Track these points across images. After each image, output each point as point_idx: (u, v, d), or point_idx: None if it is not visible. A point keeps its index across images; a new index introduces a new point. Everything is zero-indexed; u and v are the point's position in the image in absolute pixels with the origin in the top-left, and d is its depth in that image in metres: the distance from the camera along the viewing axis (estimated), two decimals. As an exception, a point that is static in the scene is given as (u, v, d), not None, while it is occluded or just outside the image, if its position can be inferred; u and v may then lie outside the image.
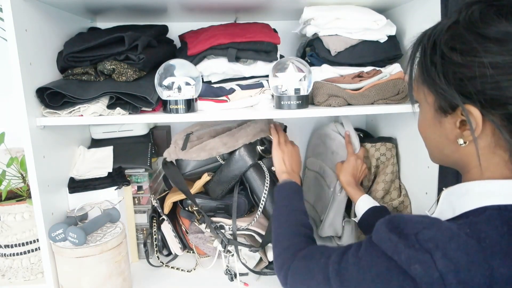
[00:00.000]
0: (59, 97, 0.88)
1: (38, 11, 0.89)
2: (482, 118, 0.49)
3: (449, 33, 0.50)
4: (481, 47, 0.47)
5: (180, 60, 0.94)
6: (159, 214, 1.12)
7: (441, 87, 0.51)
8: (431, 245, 0.45)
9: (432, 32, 0.53)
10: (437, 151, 0.60)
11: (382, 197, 1.12)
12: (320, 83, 0.97)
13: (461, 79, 0.48)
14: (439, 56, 0.51)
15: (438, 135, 0.57)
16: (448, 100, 0.51)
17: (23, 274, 0.98)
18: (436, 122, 0.56)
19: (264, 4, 1.02)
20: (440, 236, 0.46)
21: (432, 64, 0.52)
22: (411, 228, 0.48)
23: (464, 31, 0.49)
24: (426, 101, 0.56)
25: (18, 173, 1.02)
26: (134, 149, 1.14)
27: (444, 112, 0.53)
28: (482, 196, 0.51)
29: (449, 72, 0.50)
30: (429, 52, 0.52)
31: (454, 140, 0.54)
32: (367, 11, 1.00)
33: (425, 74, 0.54)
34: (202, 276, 1.06)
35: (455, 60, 0.49)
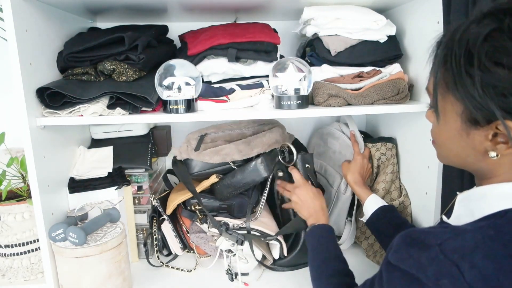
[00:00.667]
0: (59, 97, 0.88)
1: (38, 11, 0.89)
2: None
3: (490, 43, 0.46)
4: None
5: (180, 60, 0.94)
6: (159, 214, 1.12)
7: (478, 100, 0.48)
8: (456, 256, 0.44)
9: (462, 37, 0.49)
10: (456, 158, 0.58)
11: (383, 197, 1.11)
12: (320, 83, 0.97)
13: (504, 94, 0.46)
14: (477, 68, 0.47)
15: (463, 146, 0.54)
16: (484, 114, 0.49)
17: (23, 274, 0.98)
18: (463, 133, 0.53)
19: (264, 4, 1.02)
20: (465, 246, 0.44)
21: (468, 75, 0.48)
22: (433, 238, 0.46)
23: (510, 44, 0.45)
24: (453, 111, 0.53)
25: (18, 173, 1.02)
26: (134, 149, 1.14)
27: (475, 124, 0.51)
28: (501, 198, 0.50)
29: (490, 86, 0.47)
30: (464, 62, 0.48)
31: (482, 152, 0.52)
32: (367, 11, 1.00)
33: (457, 85, 0.50)
34: (202, 276, 1.06)
35: (501, 75, 0.46)
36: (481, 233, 0.46)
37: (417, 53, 1.02)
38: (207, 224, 1.06)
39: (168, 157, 1.35)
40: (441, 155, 0.61)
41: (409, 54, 1.06)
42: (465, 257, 0.44)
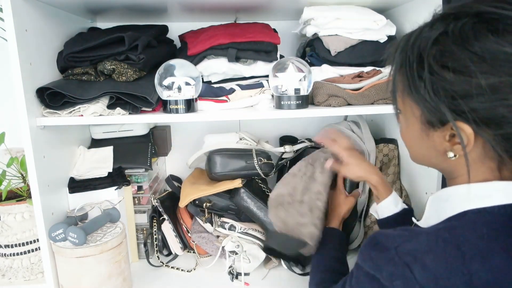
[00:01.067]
0: (59, 97, 0.88)
1: (38, 11, 0.89)
2: (474, 134, 0.47)
3: (437, 47, 0.47)
4: (476, 67, 0.44)
5: (180, 60, 0.94)
6: (159, 214, 1.12)
7: (430, 103, 0.49)
8: (410, 258, 0.45)
9: (415, 42, 0.50)
10: (422, 159, 0.59)
11: (382, 197, 1.12)
12: (320, 83, 0.97)
13: (453, 97, 0.46)
14: (427, 71, 0.48)
15: (426, 147, 0.55)
16: (438, 116, 0.49)
17: (23, 274, 0.98)
18: (423, 134, 0.54)
19: (264, 4, 1.02)
20: (418, 248, 0.46)
21: (420, 79, 0.49)
22: (391, 241, 0.48)
23: (455, 48, 0.46)
24: (413, 114, 0.54)
25: (18, 173, 1.02)
26: (134, 149, 1.14)
27: (433, 126, 0.52)
28: (463, 200, 0.51)
29: (440, 89, 0.47)
30: (415, 66, 0.49)
31: (443, 152, 0.53)
32: (367, 11, 1.00)
33: (412, 89, 0.51)
34: (202, 276, 1.06)
35: (447, 78, 0.46)
36: (436, 235, 0.47)
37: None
38: (210, 223, 1.06)
39: (168, 157, 1.35)
40: (412, 156, 0.62)
41: (409, 54, 1.06)
42: (417, 259, 0.45)
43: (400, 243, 0.47)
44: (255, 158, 1.06)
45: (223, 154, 1.07)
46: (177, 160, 1.34)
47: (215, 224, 1.05)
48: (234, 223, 1.04)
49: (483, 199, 0.49)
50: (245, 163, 1.06)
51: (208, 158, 1.09)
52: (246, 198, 1.04)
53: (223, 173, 1.07)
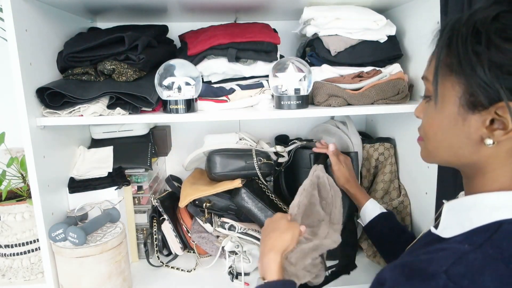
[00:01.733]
0: (59, 97, 0.88)
1: (38, 11, 0.89)
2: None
3: (500, 22, 0.45)
4: None
5: (180, 60, 0.94)
6: (159, 214, 1.12)
7: (483, 79, 0.46)
8: (467, 281, 0.42)
9: (469, 19, 0.48)
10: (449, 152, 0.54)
11: (382, 197, 1.12)
12: (320, 83, 0.97)
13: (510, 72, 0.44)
14: (484, 45, 0.45)
15: (457, 134, 0.51)
16: (487, 94, 0.46)
17: (23, 274, 0.98)
18: (458, 119, 0.50)
19: (264, 4, 1.02)
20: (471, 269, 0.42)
21: (475, 53, 0.46)
22: (437, 265, 0.44)
23: None
24: (452, 95, 0.51)
25: (18, 173, 1.02)
26: (134, 149, 1.14)
27: (473, 109, 0.49)
28: (493, 209, 0.48)
29: (497, 64, 0.45)
30: (470, 40, 0.47)
31: (477, 140, 0.50)
32: (367, 11, 1.00)
33: (462, 64, 0.48)
34: (202, 276, 1.06)
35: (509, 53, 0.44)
36: (482, 252, 0.44)
37: (417, 53, 1.02)
38: (210, 223, 1.06)
39: (168, 157, 1.35)
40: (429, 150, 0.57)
41: (409, 54, 1.06)
42: (475, 281, 0.42)
43: (449, 266, 0.43)
44: (255, 158, 1.06)
45: (222, 154, 1.07)
46: (177, 160, 1.34)
47: (215, 224, 1.05)
48: (234, 223, 1.04)
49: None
50: (244, 163, 1.06)
51: (207, 158, 1.09)
52: (246, 198, 1.04)
53: (222, 173, 1.07)
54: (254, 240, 1.04)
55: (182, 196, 1.09)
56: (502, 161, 0.49)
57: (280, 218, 0.79)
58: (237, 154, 1.07)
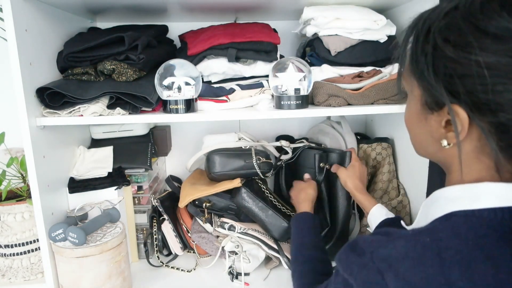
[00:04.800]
0: (59, 97, 0.88)
1: (38, 11, 0.89)
2: (469, 121, 0.44)
3: (445, 20, 0.44)
4: (477, 43, 0.41)
5: (180, 60, 0.94)
6: (159, 214, 1.12)
7: (428, 81, 0.45)
8: (384, 265, 0.43)
9: (428, 16, 0.47)
10: (421, 148, 0.56)
11: (381, 197, 1.12)
12: (320, 83, 0.97)
13: (451, 75, 0.43)
14: (431, 45, 0.45)
15: (423, 132, 0.52)
16: (435, 97, 0.46)
17: (23, 274, 0.98)
18: (422, 117, 0.51)
19: (264, 4, 1.02)
20: (394, 255, 0.43)
21: (423, 53, 0.46)
22: (368, 246, 0.46)
23: (461, 21, 0.42)
24: (413, 93, 0.51)
25: (18, 173, 1.02)
26: (134, 149, 1.14)
27: (431, 109, 0.48)
28: (448, 201, 0.47)
29: (440, 65, 0.44)
30: (422, 39, 0.46)
31: (438, 140, 0.49)
32: (367, 11, 1.00)
33: (414, 64, 0.48)
34: (202, 276, 1.06)
35: (447, 54, 0.43)
36: (415, 240, 0.44)
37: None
38: (210, 223, 1.06)
39: (168, 157, 1.35)
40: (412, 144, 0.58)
41: (409, 54, 1.06)
42: (391, 266, 0.42)
43: (376, 248, 0.45)
44: (254, 157, 1.06)
45: (222, 154, 1.07)
46: (177, 160, 1.34)
47: (214, 224, 1.05)
48: (233, 223, 1.04)
49: (472, 201, 0.45)
50: (244, 162, 1.06)
51: (207, 158, 1.09)
52: (247, 198, 1.04)
53: (222, 173, 1.07)
54: (254, 240, 1.04)
55: (182, 196, 1.09)
56: (464, 163, 0.48)
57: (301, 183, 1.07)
58: (236, 153, 1.07)
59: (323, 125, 1.23)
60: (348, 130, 1.14)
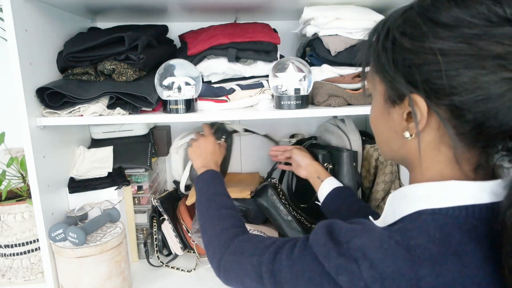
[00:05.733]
0: (59, 97, 0.88)
1: (38, 11, 0.89)
2: (428, 110, 0.46)
3: (402, 17, 0.48)
4: (430, 32, 0.44)
5: (180, 60, 0.94)
6: (159, 214, 1.12)
7: (390, 74, 0.49)
8: (359, 254, 0.44)
9: (387, 19, 0.51)
10: (386, 147, 0.57)
11: (383, 198, 1.12)
12: (320, 83, 0.97)
13: (410, 66, 0.46)
14: (390, 41, 0.49)
15: (387, 128, 0.54)
16: (396, 89, 0.49)
17: (23, 274, 0.98)
18: (385, 113, 0.53)
19: (264, 4, 1.02)
20: (369, 245, 0.44)
21: (383, 49, 0.50)
22: (344, 235, 0.47)
23: (416, 16, 0.47)
24: (377, 91, 0.54)
25: (18, 173, 1.02)
26: (134, 149, 1.14)
27: (393, 102, 0.51)
28: (417, 199, 0.48)
29: (399, 58, 0.47)
30: (382, 37, 0.50)
31: (401, 134, 0.51)
32: (367, 11, 1.00)
33: (376, 61, 0.52)
34: (202, 276, 1.06)
35: (405, 46, 0.47)
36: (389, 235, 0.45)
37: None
38: None
39: (168, 157, 1.35)
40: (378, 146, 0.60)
41: (409, 54, 1.06)
42: (366, 256, 0.44)
43: (352, 238, 0.46)
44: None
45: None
46: (177, 160, 1.34)
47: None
48: None
49: (438, 199, 0.47)
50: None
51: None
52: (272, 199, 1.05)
53: None
54: None
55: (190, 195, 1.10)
56: (426, 154, 0.50)
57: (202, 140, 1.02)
58: None
59: (327, 124, 1.24)
60: (352, 128, 1.14)
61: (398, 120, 0.51)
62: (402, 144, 0.53)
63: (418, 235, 0.44)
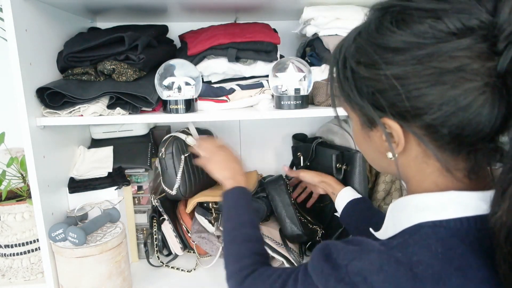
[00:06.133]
0: (59, 97, 0.88)
1: (38, 11, 0.89)
2: (403, 130, 0.46)
3: (354, 45, 0.49)
4: (381, 59, 0.44)
5: (180, 60, 0.94)
6: (159, 214, 1.12)
7: (356, 102, 0.49)
8: (359, 278, 0.43)
9: (342, 44, 0.51)
10: (376, 165, 0.58)
11: (384, 198, 1.12)
12: (320, 83, 0.97)
13: (373, 92, 0.46)
14: (349, 70, 0.49)
15: (372, 150, 0.54)
16: (367, 115, 0.49)
17: (23, 274, 0.98)
18: (366, 136, 0.53)
19: (264, 4, 1.02)
20: (369, 268, 0.43)
21: (345, 78, 0.50)
22: (342, 258, 0.46)
23: (364, 43, 0.47)
24: (352, 116, 0.54)
25: (18, 173, 1.02)
26: (134, 149, 1.14)
27: (370, 126, 0.51)
28: (417, 211, 0.48)
29: (361, 86, 0.47)
30: (341, 66, 0.50)
31: (384, 153, 0.51)
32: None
33: (341, 90, 0.52)
34: (202, 276, 1.06)
35: (362, 74, 0.47)
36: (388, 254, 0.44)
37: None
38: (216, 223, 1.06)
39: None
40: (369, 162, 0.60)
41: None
42: (366, 280, 0.43)
43: (351, 261, 0.45)
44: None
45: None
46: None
47: (218, 224, 1.05)
48: None
49: (438, 211, 0.46)
50: None
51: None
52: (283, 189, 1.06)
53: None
54: None
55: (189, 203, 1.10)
56: (415, 169, 0.49)
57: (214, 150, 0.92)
58: None
59: (330, 124, 1.23)
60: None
61: (379, 142, 0.51)
62: (389, 162, 0.52)
63: (420, 251, 0.43)
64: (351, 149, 1.08)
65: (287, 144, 1.37)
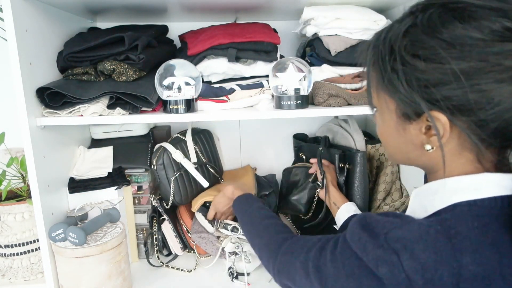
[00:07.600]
0: (59, 97, 0.88)
1: (38, 11, 0.89)
2: (450, 124, 0.47)
3: (408, 38, 0.49)
4: (447, 53, 0.45)
5: (180, 60, 0.94)
6: (159, 214, 1.12)
7: (404, 94, 0.49)
8: (399, 245, 0.45)
9: (386, 36, 0.52)
10: (400, 155, 0.59)
11: (384, 198, 1.12)
12: (320, 83, 0.97)
13: (426, 86, 0.47)
14: (399, 63, 0.49)
15: (403, 141, 0.55)
16: (413, 107, 0.50)
17: (23, 274, 0.98)
18: (399, 128, 0.54)
19: (264, 4, 1.02)
20: (409, 236, 0.45)
21: (393, 71, 0.50)
22: (381, 227, 0.48)
23: (424, 37, 0.47)
24: (388, 108, 0.54)
25: (18, 173, 1.02)
26: (134, 149, 1.14)
27: (409, 119, 0.52)
28: (451, 193, 0.50)
29: (412, 79, 0.48)
30: (388, 58, 0.50)
31: (420, 146, 0.53)
32: (367, 11, 1.00)
33: (385, 82, 0.52)
34: (202, 276, 1.06)
35: (419, 67, 0.47)
36: (429, 225, 0.46)
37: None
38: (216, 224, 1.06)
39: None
40: (389, 154, 0.61)
41: (409, 54, 1.05)
42: (407, 247, 0.44)
43: (390, 230, 0.47)
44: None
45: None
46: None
47: (218, 225, 1.05)
48: (236, 225, 1.04)
49: (473, 191, 0.48)
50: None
51: None
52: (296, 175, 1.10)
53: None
54: None
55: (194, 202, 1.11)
56: (448, 159, 0.51)
57: None
58: None
59: (331, 124, 1.23)
60: (355, 128, 1.14)
61: (416, 134, 0.52)
62: (420, 154, 0.54)
63: (458, 224, 0.45)
64: (352, 148, 1.09)
65: (287, 144, 1.37)
